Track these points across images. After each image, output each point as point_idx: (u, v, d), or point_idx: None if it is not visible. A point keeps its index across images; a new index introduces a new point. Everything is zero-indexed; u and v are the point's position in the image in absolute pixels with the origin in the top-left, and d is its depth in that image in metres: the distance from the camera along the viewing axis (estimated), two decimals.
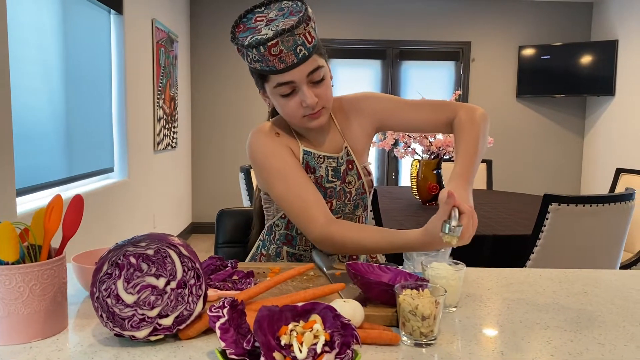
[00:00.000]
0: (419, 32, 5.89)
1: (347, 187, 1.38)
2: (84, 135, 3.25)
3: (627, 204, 2.16)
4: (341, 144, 1.40)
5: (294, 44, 1.15)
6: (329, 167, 1.36)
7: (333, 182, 1.36)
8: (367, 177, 1.41)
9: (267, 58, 1.16)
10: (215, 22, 5.80)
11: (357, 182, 1.39)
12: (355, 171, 1.39)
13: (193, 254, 0.88)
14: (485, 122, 1.33)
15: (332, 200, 1.36)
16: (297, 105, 1.24)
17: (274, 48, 1.14)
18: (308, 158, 1.34)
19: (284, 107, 1.26)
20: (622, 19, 5.35)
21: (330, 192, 1.36)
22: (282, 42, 1.14)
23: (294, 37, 1.15)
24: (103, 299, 0.83)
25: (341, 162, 1.38)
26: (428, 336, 0.87)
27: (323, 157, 1.36)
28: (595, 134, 5.83)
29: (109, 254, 0.84)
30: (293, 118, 1.28)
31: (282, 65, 1.17)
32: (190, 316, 0.87)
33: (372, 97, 1.44)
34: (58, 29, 2.90)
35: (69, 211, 0.92)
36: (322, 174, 1.35)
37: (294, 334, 0.77)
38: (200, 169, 5.99)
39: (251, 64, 1.22)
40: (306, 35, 1.17)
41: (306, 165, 1.34)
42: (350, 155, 1.39)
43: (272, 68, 1.18)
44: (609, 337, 0.92)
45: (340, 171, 1.37)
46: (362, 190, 1.40)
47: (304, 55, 1.18)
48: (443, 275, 1.02)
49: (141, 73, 4.15)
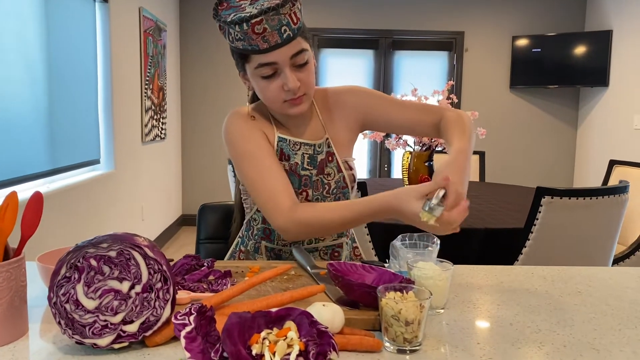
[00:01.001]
0: (412, 22, 5.81)
1: (325, 178, 1.32)
2: (68, 127, 3.16)
3: (620, 197, 2.12)
4: (322, 135, 1.35)
5: (279, 24, 1.11)
6: (305, 154, 1.31)
7: (309, 170, 1.31)
8: (348, 171, 1.35)
9: (250, 36, 1.11)
10: (205, 11, 5.69)
11: (337, 175, 1.33)
12: (335, 163, 1.34)
13: (160, 255, 0.81)
14: (472, 125, 1.27)
15: (308, 189, 1.31)
16: (278, 88, 1.19)
17: (257, 26, 1.10)
18: (283, 145, 1.30)
19: (264, 90, 1.21)
20: (617, 9, 5.29)
21: (305, 180, 1.30)
22: (267, 20, 1.09)
23: (279, 16, 1.10)
24: (61, 304, 0.77)
25: (318, 151, 1.32)
26: (412, 342, 0.82)
27: (299, 143, 1.30)
28: (589, 125, 5.79)
29: (68, 256, 0.78)
30: (273, 103, 1.23)
31: (265, 45, 1.13)
32: (157, 322, 0.81)
33: (358, 91, 1.39)
34: (39, 17, 2.81)
35: (28, 210, 0.86)
36: (297, 161, 1.30)
37: (267, 342, 0.71)
38: (191, 160, 5.91)
39: (233, 43, 1.17)
40: (292, 15, 1.12)
41: (280, 153, 1.29)
42: (330, 147, 1.34)
43: (254, 47, 1.13)
44: (603, 341, 0.87)
45: (317, 159, 1.32)
46: (342, 184, 1.34)
47: (288, 36, 1.13)
48: (429, 275, 0.97)
49: (128, 63, 4.06)
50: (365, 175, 6.08)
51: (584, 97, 5.90)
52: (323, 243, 1.37)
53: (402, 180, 3.29)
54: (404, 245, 1.13)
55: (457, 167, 1.07)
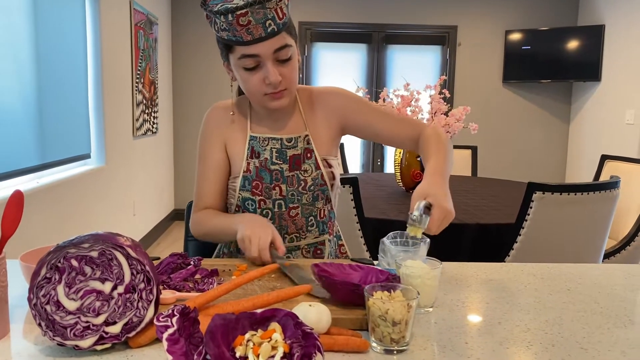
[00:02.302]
0: (405, 16, 5.79)
1: (302, 174, 1.33)
2: (58, 121, 3.13)
3: (612, 192, 2.12)
4: (302, 132, 1.35)
5: (264, 17, 1.13)
6: (272, 148, 1.33)
7: (278, 165, 1.32)
8: (327, 169, 1.35)
9: (234, 27, 1.13)
10: (197, 4, 5.64)
11: (315, 172, 1.33)
12: (313, 160, 1.34)
13: (143, 255, 0.80)
14: (450, 144, 1.31)
15: (281, 184, 1.32)
16: (259, 81, 1.21)
17: (242, 18, 1.11)
18: (253, 143, 1.33)
19: (246, 82, 1.23)
20: (609, 4, 5.29)
21: (276, 174, 1.32)
22: (252, 12, 1.11)
23: (264, 10, 1.12)
24: (41, 305, 0.76)
25: (287, 145, 1.33)
26: (399, 342, 0.81)
27: (268, 139, 1.34)
28: (581, 120, 5.80)
29: (48, 256, 0.76)
30: (254, 95, 1.25)
31: (249, 37, 1.15)
32: (140, 323, 0.79)
33: (340, 94, 1.40)
34: (28, 10, 2.77)
35: (8, 208, 0.84)
36: (266, 156, 1.32)
37: (251, 344, 0.70)
38: (183, 155, 5.87)
39: (218, 33, 1.19)
40: (277, 10, 1.14)
41: (251, 151, 1.33)
42: (310, 143, 1.34)
43: (238, 38, 1.16)
44: (592, 340, 0.87)
45: (287, 154, 1.33)
46: (320, 181, 1.34)
47: (272, 30, 1.15)
48: (418, 274, 0.96)
49: (119, 56, 4.02)
50: (358, 169, 6.07)
51: (576, 91, 5.91)
52: (305, 241, 1.36)
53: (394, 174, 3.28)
54: (394, 242, 1.12)
55: (435, 183, 1.12)
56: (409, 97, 2.94)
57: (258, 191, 1.31)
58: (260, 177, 1.30)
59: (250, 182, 1.30)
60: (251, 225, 1.17)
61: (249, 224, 1.18)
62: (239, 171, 1.32)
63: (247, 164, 1.31)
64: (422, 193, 1.09)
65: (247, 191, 1.31)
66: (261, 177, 1.30)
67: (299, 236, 1.35)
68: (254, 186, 1.30)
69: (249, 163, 1.31)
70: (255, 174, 1.30)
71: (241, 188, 1.31)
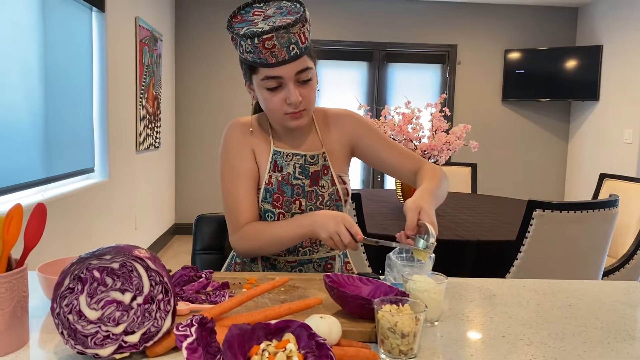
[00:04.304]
0: (405, 35, 5.87)
1: (320, 189, 1.38)
2: (63, 135, 3.17)
3: (611, 211, 2.15)
4: (319, 148, 1.41)
5: (288, 42, 1.18)
6: (296, 164, 1.37)
7: (300, 180, 1.37)
8: (341, 185, 1.41)
9: (259, 50, 1.18)
10: (200, 21, 5.73)
11: (331, 188, 1.39)
12: (329, 177, 1.40)
13: (161, 267, 0.83)
14: (446, 179, 1.38)
15: (301, 199, 1.36)
16: (280, 101, 1.26)
17: (268, 42, 1.17)
18: (277, 157, 1.37)
19: (267, 102, 1.27)
20: (607, 25, 5.38)
21: (297, 189, 1.36)
22: (277, 37, 1.16)
23: (289, 34, 1.17)
24: (64, 315, 0.79)
25: (311, 162, 1.38)
26: (407, 354, 0.84)
27: (292, 154, 1.37)
28: (580, 138, 5.85)
29: (71, 267, 0.79)
30: (275, 114, 1.29)
31: (273, 60, 1.20)
32: (158, 333, 0.82)
33: (354, 118, 1.46)
34: (37, 26, 2.83)
35: (31, 221, 0.87)
36: (289, 171, 1.36)
37: (266, 354, 0.73)
38: (184, 170, 5.91)
39: (243, 54, 1.24)
40: (301, 35, 1.20)
41: (274, 165, 1.36)
42: (326, 160, 1.40)
43: (263, 61, 1.21)
44: (592, 354, 0.89)
45: (309, 170, 1.38)
46: (336, 197, 1.40)
47: (295, 54, 1.21)
48: (424, 288, 0.99)
49: (123, 72, 4.07)
50: (358, 185, 6.10)
51: (575, 110, 5.97)
52: (317, 255, 1.40)
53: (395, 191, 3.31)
54: (400, 258, 1.15)
55: (425, 198, 1.20)
56: (410, 115, 2.99)
57: (279, 204, 1.34)
58: (282, 190, 1.35)
59: (272, 195, 1.34)
60: (328, 223, 1.18)
61: (324, 222, 1.19)
62: (262, 183, 1.35)
63: (269, 177, 1.35)
64: (416, 206, 1.17)
65: (268, 203, 1.34)
66: (282, 191, 1.35)
67: (312, 250, 1.39)
68: (274, 199, 1.34)
69: (270, 176, 1.35)
70: (277, 187, 1.34)
71: (263, 200, 1.35)
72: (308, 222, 1.22)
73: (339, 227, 1.16)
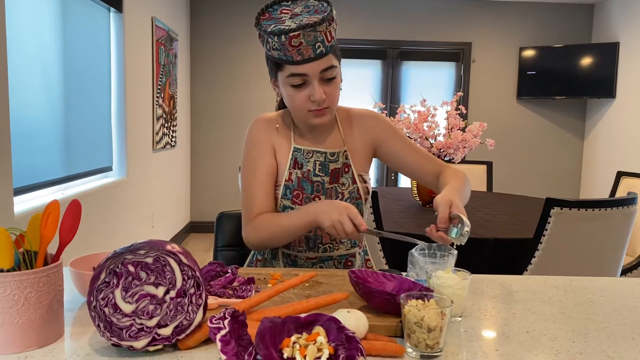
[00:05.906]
0: (419, 33, 5.87)
1: (340, 187, 1.39)
2: (82, 134, 3.22)
3: (629, 209, 2.15)
4: (341, 146, 1.42)
5: (314, 40, 1.20)
6: (316, 161, 1.39)
7: (320, 177, 1.38)
8: (362, 184, 1.42)
9: (286, 47, 1.21)
10: (215, 21, 5.77)
11: (352, 186, 1.40)
12: (350, 175, 1.41)
13: (193, 262, 0.85)
14: (468, 183, 1.39)
15: (321, 196, 1.38)
16: (305, 98, 1.28)
17: (294, 39, 1.19)
18: (297, 155, 1.39)
19: (292, 98, 1.30)
20: (623, 21, 5.33)
21: (317, 186, 1.38)
22: (304, 35, 1.19)
23: (315, 33, 1.19)
24: (100, 308, 0.81)
25: (331, 159, 1.40)
26: (434, 348, 0.85)
27: (312, 152, 1.39)
28: (596, 136, 5.81)
29: (107, 262, 0.82)
30: (298, 110, 1.31)
31: (299, 57, 1.22)
32: (189, 326, 0.84)
33: (377, 118, 1.48)
34: (57, 27, 2.87)
35: (66, 217, 0.90)
36: (309, 168, 1.38)
37: (297, 346, 0.75)
38: (199, 168, 5.96)
39: (269, 52, 1.27)
40: (327, 33, 1.22)
41: (294, 162, 1.38)
42: (348, 158, 1.42)
43: (289, 58, 1.23)
44: (618, 349, 0.90)
45: (329, 167, 1.39)
46: (356, 195, 1.41)
47: (321, 52, 1.23)
48: (449, 284, 1.00)
49: (140, 71, 4.12)
50: (373, 183, 6.10)
51: (590, 108, 5.93)
52: (337, 252, 1.42)
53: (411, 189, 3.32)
54: (422, 254, 1.16)
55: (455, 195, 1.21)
56: (426, 113, 3.00)
57: (299, 200, 1.36)
58: (302, 187, 1.37)
59: (292, 192, 1.36)
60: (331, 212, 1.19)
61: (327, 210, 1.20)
62: (281, 179, 1.38)
63: (290, 174, 1.37)
64: (447, 200, 1.17)
65: (288, 200, 1.37)
66: (302, 188, 1.37)
67: (332, 247, 1.41)
68: (294, 195, 1.36)
69: (290, 173, 1.37)
70: (297, 184, 1.36)
71: (282, 196, 1.37)
72: (312, 209, 1.24)
73: (342, 216, 1.18)
